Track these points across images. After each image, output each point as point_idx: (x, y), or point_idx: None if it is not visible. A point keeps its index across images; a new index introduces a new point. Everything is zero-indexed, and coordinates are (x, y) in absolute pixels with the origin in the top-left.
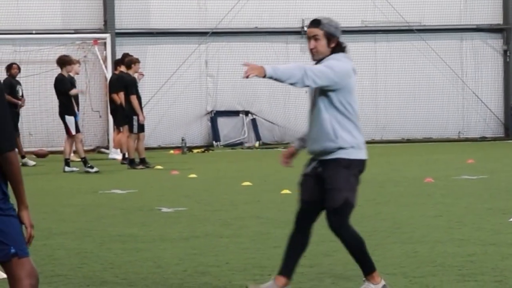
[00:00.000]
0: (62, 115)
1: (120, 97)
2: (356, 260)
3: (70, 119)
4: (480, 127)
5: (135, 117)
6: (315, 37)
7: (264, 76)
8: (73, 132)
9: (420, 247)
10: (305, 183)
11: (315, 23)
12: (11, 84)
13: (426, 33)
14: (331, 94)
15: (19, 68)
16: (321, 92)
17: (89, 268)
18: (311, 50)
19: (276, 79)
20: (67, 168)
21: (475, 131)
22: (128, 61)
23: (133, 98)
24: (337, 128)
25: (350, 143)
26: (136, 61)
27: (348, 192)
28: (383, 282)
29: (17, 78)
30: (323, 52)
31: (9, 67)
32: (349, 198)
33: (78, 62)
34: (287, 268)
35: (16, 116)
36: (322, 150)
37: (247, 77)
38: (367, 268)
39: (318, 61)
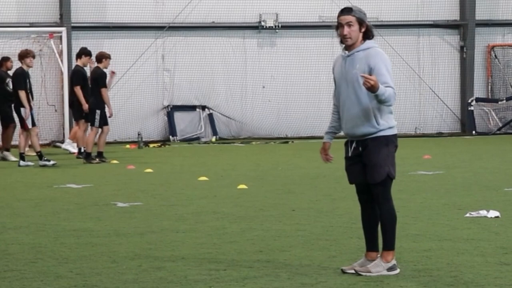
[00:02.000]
0: (17, 108)
1: (75, 91)
2: (382, 232)
3: (23, 112)
4: (437, 123)
5: (98, 111)
6: (348, 24)
7: (374, 91)
8: (30, 125)
9: None
10: (350, 168)
11: (347, 10)
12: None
13: (383, 28)
14: None
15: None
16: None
17: (44, 263)
18: (344, 36)
19: (380, 98)
20: (22, 163)
21: (432, 127)
22: (99, 55)
23: (104, 91)
24: (377, 115)
25: (387, 125)
26: (108, 56)
27: (389, 166)
28: (394, 262)
29: None
30: (356, 37)
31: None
32: (390, 172)
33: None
34: (371, 243)
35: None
36: (363, 133)
37: (365, 85)
38: (388, 245)
39: (349, 46)
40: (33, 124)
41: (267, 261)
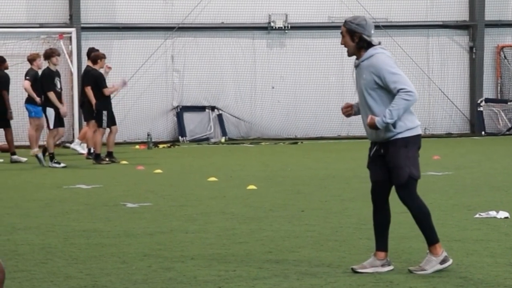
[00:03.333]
0: (44, 108)
1: (86, 91)
2: (422, 231)
3: (50, 112)
4: (446, 123)
5: (105, 112)
6: (342, 34)
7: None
8: (51, 126)
9: None
10: (371, 166)
11: (345, 21)
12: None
13: (393, 29)
14: (385, 88)
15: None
16: (376, 87)
17: (53, 264)
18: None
19: (392, 123)
20: (50, 163)
21: (441, 128)
22: (94, 56)
23: (107, 91)
24: None
25: (406, 127)
26: (102, 56)
27: (410, 168)
28: (444, 254)
29: None
30: (351, 47)
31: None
32: (412, 173)
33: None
34: (381, 243)
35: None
36: (382, 138)
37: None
38: (430, 239)
39: (351, 55)
40: (55, 126)
41: (276, 262)
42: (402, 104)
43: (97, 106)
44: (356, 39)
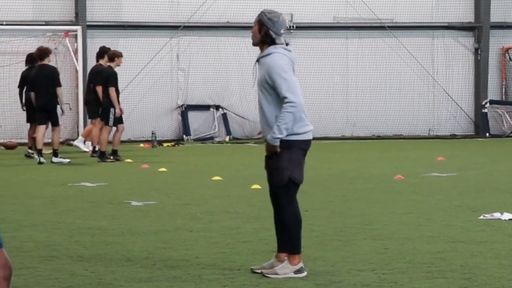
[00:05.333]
0: (54, 105)
1: (98, 90)
2: (288, 236)
3: (59, 110)
4: (450, 124)
5: (112, 110)
6: (254, 22)
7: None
8: (60, 122)
9: (389, 244)
10: (266, 168)
11: (261, 11)
12: None
13: (398, 30)
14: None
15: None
16: (267, 86)
17: (58, 261)
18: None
19: (285, 133)
20: (54, 159)
21: (445, 129)
22: (111, 54)
23: (112, 91)
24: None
25: (291, 131)
26: (120, 54)
27: (292, 170)
28: (300, 265)
29: None
30: (256, 37)
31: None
32: (294, 176)
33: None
34: (282, 244)
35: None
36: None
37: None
38: (294, 248)
39: (254, 45)
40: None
41: None
42: (288, 117)
43: (105, 103)
44: (263, 32)
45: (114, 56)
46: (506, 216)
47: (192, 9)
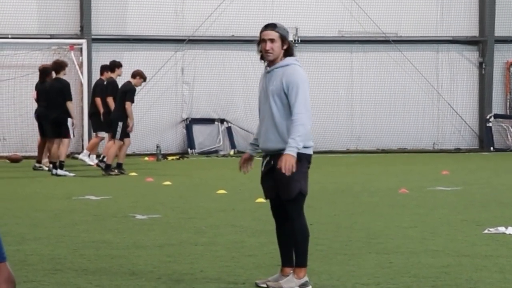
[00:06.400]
0: (65, 118)
1: (109, 102)
2: (295, 249)
3: (70, 123)
4: (455, 138)
5: (120, 123)
6: (271, 39)
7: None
8: (72, 135)
9: (394, 258)
10: (263, 182)
11: (271, 26)
12: None
13: (403, 44)
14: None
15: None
16: (282, 95)
17: (63, 274)
18: (266, 51)
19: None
20: (60, 171)
21: (450, 143)
22: (135, 73)
23: (128, 105)
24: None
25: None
26: (143, 77)
27: (301, 182)
28: (305, 279)
29: None
30: (278, 53)
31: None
32: (303, 188)
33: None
34: (286, 259)
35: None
36: (275, 149)
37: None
38: (300, 261)
39: (271, 61)
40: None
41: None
42: (303, 130)
43: (113, 116)
44: (285, 46)
45: (136, 75)
46: (510, 230)
47: (197, 23)
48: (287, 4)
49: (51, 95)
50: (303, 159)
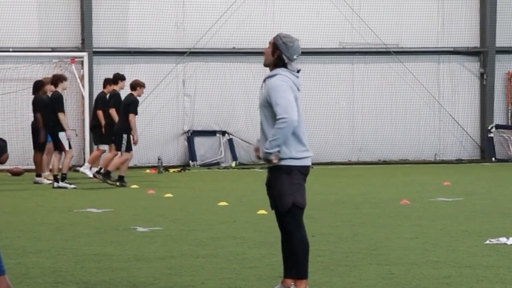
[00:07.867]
0: (55, 131)
1: (112, 114)
2: (295, 261)
3: (63, 135)
4: (456, 149)
5: (124, 136)
6: (269, 43)
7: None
8: (67, 147)
9: (396, 269)
10: (268, 194)
11: (277, 34)
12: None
13: (404, 55)
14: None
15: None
16: (267, 105)
17: (64, 287)
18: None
19: (277, 149)
20: (56, 184)
21: (451, 154)
22: (134, 83)
23: (132, 117)
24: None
25: (290, 155)
26: (142, 85)
27: (294, 195)
28: None
29: None
30: (269, 59)
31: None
32: (297, 200)
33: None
34: (287, 270)
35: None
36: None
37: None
38: (301, 273)
39: (265, 66)
40: (70, 147)
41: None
42: (279, 133)
43: (118, 129)
44: (276, 55)
45: (136, 85)
46: None
47: (198, 35)
48: (288, 16)
49: (43, 109)
50: (293, 171)
